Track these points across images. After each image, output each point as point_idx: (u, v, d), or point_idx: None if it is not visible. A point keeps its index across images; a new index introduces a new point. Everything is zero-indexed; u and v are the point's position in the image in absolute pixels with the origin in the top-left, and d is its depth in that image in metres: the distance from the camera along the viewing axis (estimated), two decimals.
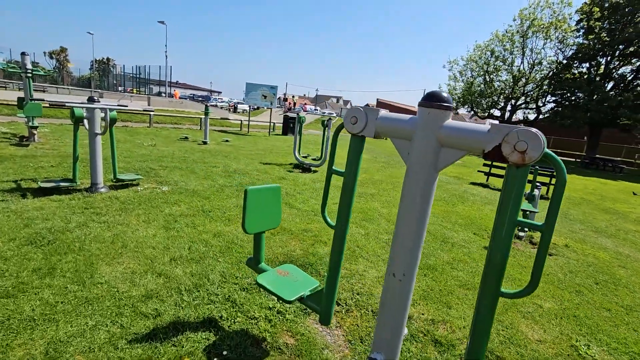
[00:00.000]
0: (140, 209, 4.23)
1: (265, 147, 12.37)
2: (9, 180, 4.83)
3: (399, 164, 12.22)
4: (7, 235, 3.12)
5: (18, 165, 5.70)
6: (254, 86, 16.24)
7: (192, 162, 7.71)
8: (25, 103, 7.53)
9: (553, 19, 22.82)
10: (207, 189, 5.55)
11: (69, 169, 5.79)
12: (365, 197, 6.32)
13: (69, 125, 11.40)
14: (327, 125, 8.42)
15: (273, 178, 6.98)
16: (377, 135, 1.65)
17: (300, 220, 4.50)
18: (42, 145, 7.64)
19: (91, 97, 4.73)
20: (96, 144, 4.76)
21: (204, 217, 4.24)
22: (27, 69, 7.54)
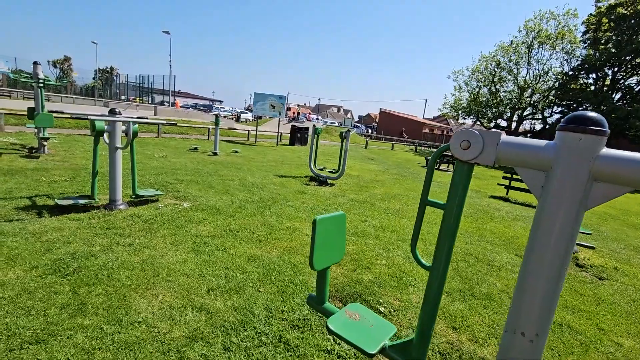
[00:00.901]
0: (165, 229, 3.95)
1: (275, 158, 12.13)
2: (23, 196, 4.55)
3: (412, 175, 11.98)
4: (28, 263, 2.83)
5: (30, 179, 5.43)
6: (262, 96, 16.08)
7: (207, 174, 7.45)
8: (36, 114, 7.30)
9: (558, 30, 22.88)
10: (228, 205, 5.27)
11: (84, 183, 5.53)
12: (391, 213, 6.04)
13: (77, 136, 11.18)
14: (346, 137, 8.19)
15: (292, 192, 6.72)
16: (497, 162, 1.39)
17: None
18: (53, 157, 7.38)
19: (113, 109, 4.49)
20: (116, 158, 4.50)
21: (233, 238, 3.96)
22: (39, 79, 7.33)
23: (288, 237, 4.16)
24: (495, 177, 15.05)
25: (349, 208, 5.97)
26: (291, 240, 4.07)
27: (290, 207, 5.57)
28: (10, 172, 5.72)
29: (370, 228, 4.94)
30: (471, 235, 5.27)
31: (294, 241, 4.06)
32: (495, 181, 13.57)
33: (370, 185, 8.74)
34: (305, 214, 5.24)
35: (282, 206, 5.54)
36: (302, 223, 4.79)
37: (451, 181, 1.53)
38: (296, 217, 5.05)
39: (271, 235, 4.18)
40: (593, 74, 23.01)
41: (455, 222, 1.54)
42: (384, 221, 5.43)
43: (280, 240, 4.03)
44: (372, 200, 6.93)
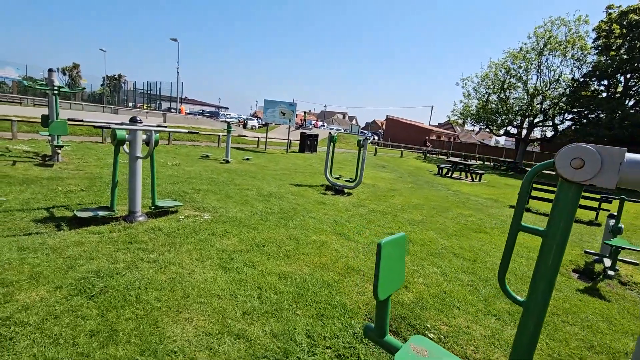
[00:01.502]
0: (188, 244, 3.77)
1: (287, 166, 11.97)
2: (41, 207, 4.41)
3: (427, 184, 11.74)
4: (51, 282, 2.66)
5: (46, 189, 5.30)
6: (272, 103, 16.00)
7: (223, 184, 7.29)
8: (51, 121, 7.22)
9: (569, 36, 22.68)
10: (249, 216, 5.09)
11: (100, 193, 5.38)
12: (415, 225, 5.82)
13: (89, 143, 11.11)
14: (363, 146, 8.00)
15: (311, 202, 6.52)
16: (619, 185, 1.19)
17: (365, 257, 4.00)
18: (67, 166, 7.27)
19: (133, 118, 4.35)
20: (136, 168, 4.35)
21: (260, 253, 3.76)
22: (54, 87, 7.26)
23: (316, 252, 3.95)
24: (509, 186, 14.77)
25: (371, 220, 5.76)
26: (320, 256, 3.86)
27: (312, 218, 5.37)
28: (26, 181, 5.59)
29: None
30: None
31: (323, 256, 3.85)
32: (511, 190, 13.28)
33: (387, 194, 8.52)
34: (329, 227, 5.03)
35: (305, 218, 5.35)
36: (328, 236, 4.58)
37: (554, 204, 1.33)
38: (321, 229, 4.85)
39: (298, 249, 3.98)
40: (605, 81, 22.72)
41: (558, 252, 1.33)
42: (410, 234, 5.20)
43: (309, 256, 3.83)
44: (393, 210, 6.71)
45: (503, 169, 23.99)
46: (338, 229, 4.98)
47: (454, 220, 6.57)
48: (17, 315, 2.21)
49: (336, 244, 4.30)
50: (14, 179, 5.62)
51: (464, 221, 6.56)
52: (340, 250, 4.12)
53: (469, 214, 7.37)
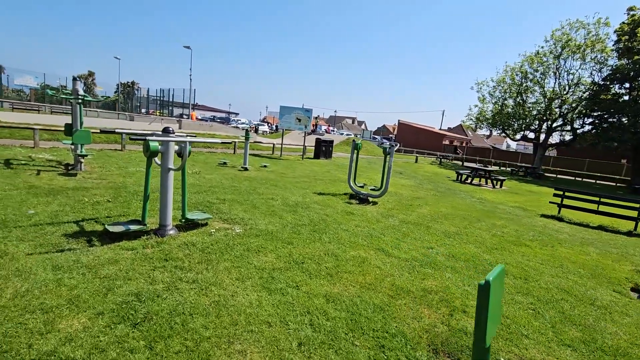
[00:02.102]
0: (225, 261, 3.57)
1: (305, 172, 11.78)
2: (70, 220, 4.27)
3: (449, 191, 11.41)
4: (92, 308, 2.48)
5: (73, 200, 5.19)
6: (288, 109, 15.89)
7: (246, 193, 7.12)
8: (75, 130, 7.17)
9: (588, 39, 22.15)
10: (280, 229, 4.89)
11: (127, 204, 5.25)
12: (452, 237, 5.54)
13: (108, 151, 11.11)
14: (390, 153, 7.76)
15: (339, 213, 6.30)
16: None
17: (411, 275, 3.75)
18: (90, 175, 7.19)
19: (166, 128, 4.20)
20: (168, 180, 4.19)
21: (300, 271, 3.54)
22: (79, 95, 7.22)
23: (359, 270, 3.72)
24: (532, 193, 14.32)
25: (406, 232, 5.50)
26: (364, 274, 3.63)
27: (345, 231, 5.14)
28: (52, 192, 5.50)
29: (440, 257, 4.45)
30: (550, 264, 4.71)
31: (367, 275, 3.61)
32: (536, 197, 12.85)
33: (413, 203, 8.25)
34: (364, 240, 4.79)
35: (337, 230, 5.12)
36: (367, 251, 4.34)
37: None
38: (357, 243, 4.62)
39: (339, 267, 3.75)
40: (627, 84, 22.07)
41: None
42: (450, 248, 4.93)
43: (352, 274, 3.59)
44: (423, 221, 6.44)
45: (521, 174, 23.43)
46: (374, 242, 4.73)
47: (489, 231, 6.27)
48: (62, 349, 2.02)
49: (377, 261, 4.06)
50: (40, 190, 5.53)
51: (499, 233, 6.25)
52: (383, 267, 3.87)
53: (502, 224, 7.05)
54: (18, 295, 2.51)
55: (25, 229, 3.83)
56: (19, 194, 5.15)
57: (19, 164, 7.37)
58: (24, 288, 2.62)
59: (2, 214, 4.18)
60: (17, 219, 4.09)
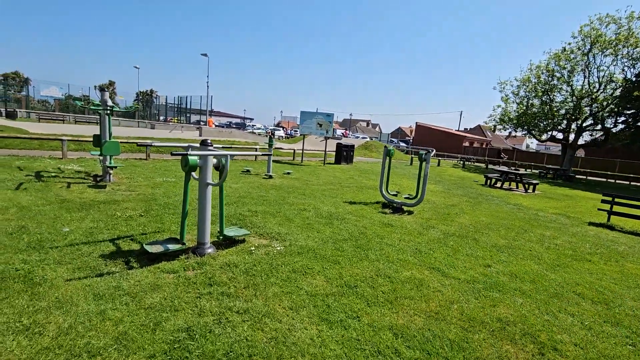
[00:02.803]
0: (273, 285, 3.28)
1: (329, 179, 11.46)
2: (105, 239, 4.08)
3: (481, 197, 10.85)
4: (142, 349, 2.21)
5: (105, 215, 5.02)
6: (309, 114, 15.65)
7: (276, 203, 6.85)
8: (104, 142, 7.08)
9: (620, 33, 21.07)
10: (321, 245, 4.57)
11: (159, 219, 5.04)
12: (505, 252, 5.09)
13: (133, 160, 11.09)
14: (426, 160, 7.36)
15: (377, 225, 5.93)
16: None
17: (478, 300, 3.35)
18: (118, 186, 7.08)
19: (204, 141, 3.97)
20: (207, 196, 3.94)
21: (356, 297, 3.21)
22: (107, 106, 7.13)
23: (419, 295, 3.35)
24: (568, 197, 13.54)
25: (454, 247, 5.09)
26: (426, 300, 3.26)
27: (389, 246, 4.78)
28: (84, 206, 5.36)
29: (502, 277, 4.03)
30: (626, 285, 4.21)
31: (429, 301, 3.24)
32: (573, 202, 12.11)
33: (450, 212, 7.80)
34: (414, 257, 4.42)
35: (381, 245, 4.76)
36: (420, 271, 3.97)
37: None
38: (406, 261, 4.25)
39: (397, 291, 3.39)
40: None
41: None
42: (508, 265, 4.49)
43: (413, 300, 3.23)
44: (467, 233, 6.00)
45: (549, 176, 22.44)
46: (426, 260, 4.35)
47: (540, 244, 5.78)
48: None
49: (435, 283, 3.68)
50: (71, 204, 5.40)
51: (552, 245, 5.75)
52: (444, 291, 3.49)
53: (551, 235, 6.53)
54: (61, 334, 2.27)
55: (61, 249, 3.64)
56: (52, 209, 5.02)
57: (49, 176, 7.34)
58: (67, 324, 2.38)
59: (38, 233, 4.03)
60: (53, 238, 3.92)
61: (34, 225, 4.28)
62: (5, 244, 3.64)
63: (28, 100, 33.04)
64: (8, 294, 2.69)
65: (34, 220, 4.49)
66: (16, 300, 2.61)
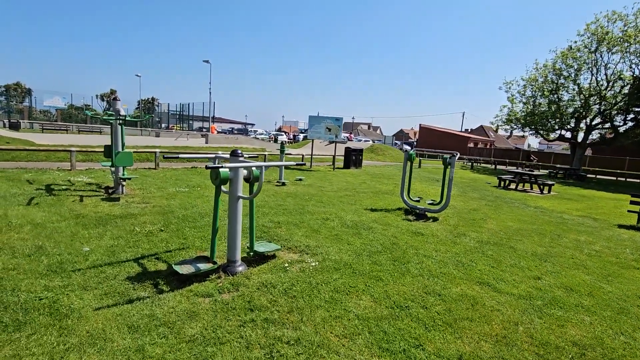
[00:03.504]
0: (318, 308, 3.00)
1: (342, 185, 11.19)
2: (129, 258, 3.81)
3: (499, 200, 10.56)
4: None
5: (124, 230, 4.76)
6: (317, 119, 15.42)
7: (297, 212, 6.58)
8: (117, 152, 6.83)
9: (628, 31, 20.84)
10: (355, 259, 4.29)
11: (180, 233, 4.78)
12: (545, 260, 4.80)
13: (143, 170, 10.85)
14: (451, 164, 7.09)
15: (407, 234, 5.65)
16: None
17: (542, 319, 3.06)
18: (132, 198, 6.82)
19: (234, 152, 3.71)
20: (237, 210, 3.69)
21: (411, 319, 2.92)
22: (120, 116, 6.90)
23: (478, 316, 3.06)
24: (585, 197, 13.23)
25: (494, 257, 4.80)
26: (487, 322, 2.97)
27: (427, 257, 4.49)
28: (101, 221, 5.10)
29: (557, 291, 3.74)
30: None
31: (491, 323, 2.96)
32: (593, 203, 11.78)
33: (475, 217, 7.51)
34: (457, 270, 4.13)
35: (419, 257, 4.48)
36: (469, 286, 3.69)
37: None
38: (451, 275, 3.96)
39: (452, 312, 3.11)
40: None
41: None
42: (557, 276, 4.20)
43: (472, 322, 2.95)
44: (501, 240, 5.71)
45: (560, 176, 22.12)
46: (471, 274, 4.06)
47: (579, 250, 5.49)
48: None
49: (490, 300, 3.39)
50: (87, 220, 5.14)
51: (593, 252, 5.46)
52: (503, 310, 3.20)
53: (586, 240, 6.23)
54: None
55: (84, 272, 3.37)
56: (68, 226, 4.76)
57: (60, 190, 7.09)
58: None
59: (57, 254, 3.76)
60: (74, 259, 3.65)
61: (51, 245, 4.02)
62: (24, 268, 3.37)
63: (31, 111, 32.96)
64: (35, 329, 2.42)
65: (50, 239, 4.23)
66: (45, 337, 2.33)
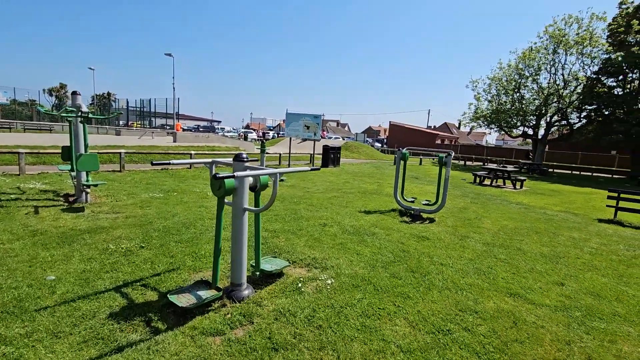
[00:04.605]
0: (353, 340, 2.55)
1: (327, 185, 10.77)
2: (107, 287, 3.12)
3: (482, 197, 10.66)
4: None
5: (95, 249, 4.00)
6: (295, 116, 14.83)
7: (291, 219, 6.07)
8: (79, 155, 5.91)
9: (584, 33, 22.23)
10: (371, 271, 3.89)
11: (165, 250, 4.12)
12: (557, 262, 4.68)
13: (106, 173, 9.74)
14: (447, 163, 6.90)
15: (412, 238, 5.35)
16: None
17: (592, 336, 2.83)
18: (99, 208, 5.95)
19: (238, 155, 3.15)
20: (242, 225, 3.13)
21: (460, 348, 2.56)
22: (82, 112, 5.96)
23: (525, 336, 2.77)
24: (556, 192, 13.83)
25: (510, 262, 4.61)
26: (539, 343, 2.68)
27: (444, 266, 4.19)
28: (64, 238, 4.29)
29: (587, 298, 3.57)
30: None
31: (542, 343, 2.67)
32: (564, 197, 12.29)
33: (468, 216, 7.40)
34: (481, 280, 3.86)
35: (435, 266, 4.16)
36: (501, 299, 3.41)
37: None
38: (478, 287, 3.67)
39: (497, 333, 2.79)
40: (620, 76, 22.31)
41: None
42: (578, 281, 4.06)
43: (523, 345, 2.64)
44: (503, 241, 5.58)
45: (524, 171, 23.23)
46: (496, 283, 3.80)
47: (579, 248, 5.48)
48: None
49: (527, 314, 3.13)
50: (48, 237, 4.30)
51: (593, 250, 5.47)
52: (547, 326, 2.94)
53: (580, 237, 6.29)
54: None
55: (53, 311, 2.67)
56: (23, 247, 3.93)
57: (8, 200, 6.04)
58: None
59: (13, 287, 2.99)
60: (36, 294, 2.92)
61: (4, 275, 3.23)
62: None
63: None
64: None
65: (2, 266, 3.41)
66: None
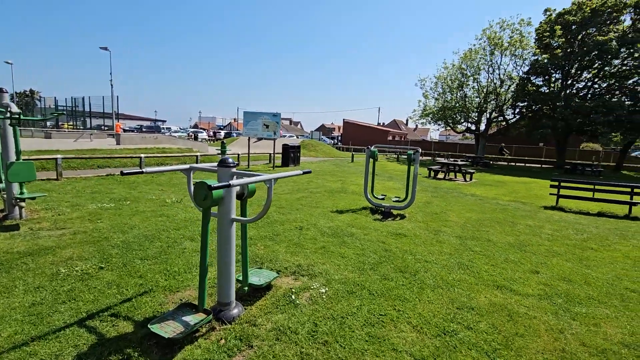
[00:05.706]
0: (362, 354, 2.40)
1: (292, 186, 10.54)
2: (68, 322, 2.62)
3: (440, 190, 11.17)
4: None
5: (42, 276, 3.39)
6: (253, 115, 14.28)
7: (263, 223, 5.77)
8: (10, 163, 5.02)
9: (514, 37, 24.43)
10: (361, 275, 3.79)
11: (130, 269, 3.64)
12: (523, 251, 4.98)
13: (41, 182, 8.50)
14: (414, 160, 7.05)
15: (387, 235, 5.36)
16: None
17: (578, 322, 2.98)
18: (38, 224, 5.12)
19: (224, 160, 2.82)
20: (230, 237, 2.83)
21: (469, 349, 2.54)
22: (13, 113, 5.06)
23: (522, 330, 2.83)
24: (502, 183, 14.97)
25: (485, 254, 4.79)
26: (536, 335, 2.76)
27: (429, 263, 4.22)
28: (0, 265, 3.57)
29: (562, 284, 3.80)
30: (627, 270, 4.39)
31: (540, 335, 2.75)
32: (509, 187, 13.34)
33: (434, 210, 7.67)
34: (467, 274, 3.93)
35: (421, 264, 4.17)
36: (491, 293, 3.49)
37: None
38: (465, 282, 3.73)
39: (498, 329, 2.83)
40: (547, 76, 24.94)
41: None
42: (549, 268, 4.33)
43: (523, 338, 2.70)
44: (473, 233, 5.83)
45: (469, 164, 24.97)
46: (481, 276, 3.90)
47: (538, 236, 5.91)
48: None
49: (517, 306, 3.23)
50: None
51: (548, 236, 5.93)
52: (538, 316, 3.05)
53: (535, 224, 6.81)
54: None
55: None
56: None
57: None
58: None
59: None
60: None
61: None
62: None
63: None
64: None
65: None
66: None
